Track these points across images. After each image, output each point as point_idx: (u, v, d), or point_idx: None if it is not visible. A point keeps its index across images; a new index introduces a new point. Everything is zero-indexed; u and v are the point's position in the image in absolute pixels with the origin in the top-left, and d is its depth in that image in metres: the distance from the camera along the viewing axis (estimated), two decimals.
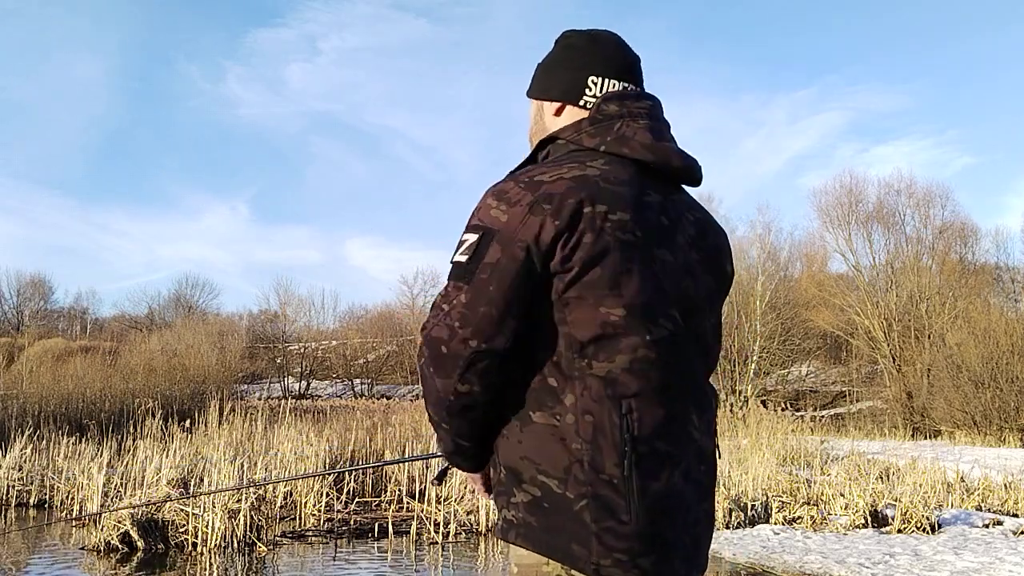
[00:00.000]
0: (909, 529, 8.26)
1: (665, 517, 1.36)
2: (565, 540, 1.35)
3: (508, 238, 1.36)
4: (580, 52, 1.59)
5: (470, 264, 1.38)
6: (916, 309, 28.46)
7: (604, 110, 1.52)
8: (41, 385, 17.43)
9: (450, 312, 1.37)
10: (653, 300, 1.40)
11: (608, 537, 1.33)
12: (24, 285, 49.33)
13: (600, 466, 1.33)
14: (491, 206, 1.40)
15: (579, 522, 1.33)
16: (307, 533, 8.17)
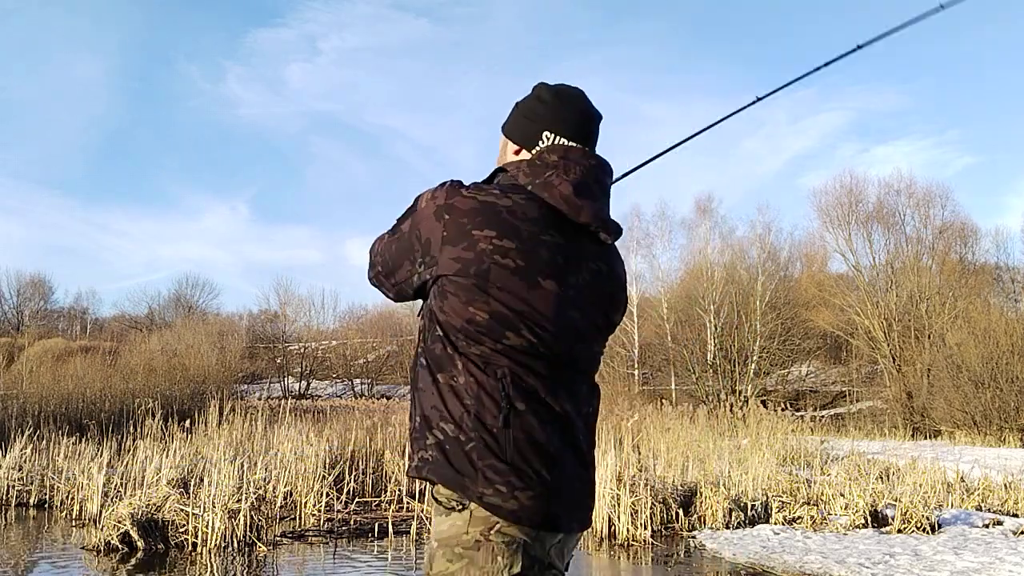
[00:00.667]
0: (909, 529, 8.26)
1: (540, 462, 1.67)
2: (459, 475, 1.66)
3: (415, 222, 1.80)
4: (544, 107, 1.89)
5: (398, 222, 1.87)
6: (916, 309, 28.46)
7: (544, 158, 1.82)
8: (41, 385, 17.42)
9: (375, 247, 1.95)
10: (519, 315, 1.69)
11: (489, 472, 1.64)
12: (24, 285, 49.37)
13: (483, 417, 1.66)
14: (432, 191, 1.80)
15: (469, 461, 1.65)
16: (307, 533, 8.17)
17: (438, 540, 1.68)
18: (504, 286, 1.68)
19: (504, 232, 1.70)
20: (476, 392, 1.68)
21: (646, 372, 33.72)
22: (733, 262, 32.48)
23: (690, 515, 8.82)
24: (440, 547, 1.67)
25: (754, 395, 27.29)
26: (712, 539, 8.13)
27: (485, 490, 1.64)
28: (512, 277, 1.69)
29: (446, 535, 1.66)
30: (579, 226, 1.78)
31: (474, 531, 1.64)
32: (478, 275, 1.69)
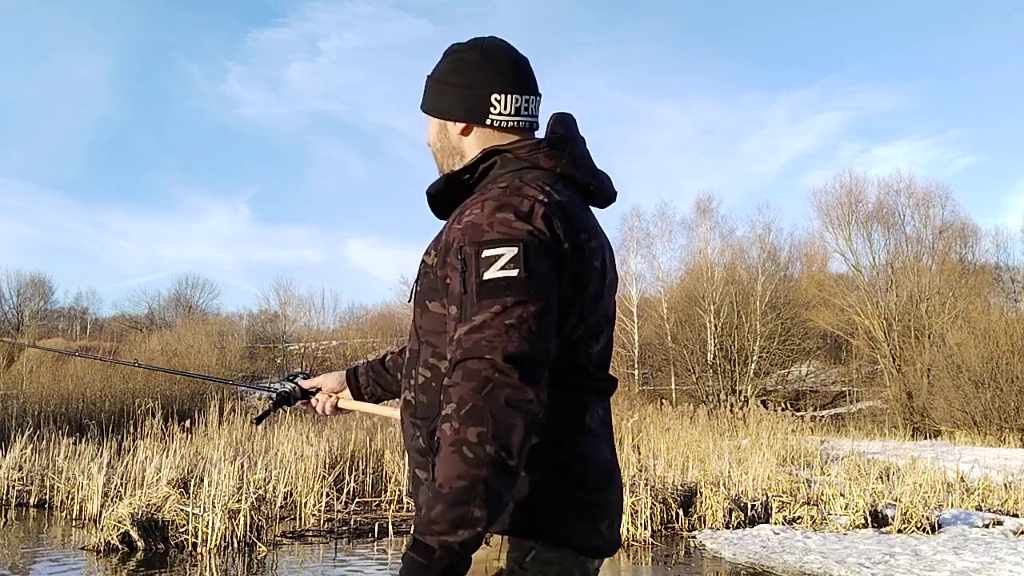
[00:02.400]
0: (909, 529, 8.26)
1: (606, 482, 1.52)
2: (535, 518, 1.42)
3: (546, 250, 1.38)
4: (477, 70, 1.57)
5: (529, 277, 1.34)
6: (916, 309, 28.46)
7: (556, 132, 1.57)
8: (41, 385, 17.42)
9: (521, 328, 1.32)
10: (602, 318, 1.52)
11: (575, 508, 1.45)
12: (24, 285, 49.34)
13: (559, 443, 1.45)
14: (511, 221, 1.38)
15: (562, 504, 1.43)
16: (307, 533, 8.17)
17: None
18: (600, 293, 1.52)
19: (588, 232, 1.51)
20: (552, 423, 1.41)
21: (646, 372, 33.72)
22: (733, 262, 32.48)
23: (690, 515, 8.82)
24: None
25: (754, 395, 27.30)
26: (712, 539, 8.13)
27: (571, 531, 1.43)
28: (602, 280, 1.53)
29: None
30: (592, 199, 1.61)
31: (507, 558, 1.41)
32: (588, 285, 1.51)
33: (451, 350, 1.33)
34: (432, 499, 1.25)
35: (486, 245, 1.36)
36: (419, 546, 1.24)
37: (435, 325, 1.48)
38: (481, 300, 1.33)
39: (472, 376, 1.27)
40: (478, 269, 1.35)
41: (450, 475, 1.24)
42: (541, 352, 1.32)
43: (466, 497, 1.24)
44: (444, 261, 1.44)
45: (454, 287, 1.39)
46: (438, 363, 1.47)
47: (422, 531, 1.25)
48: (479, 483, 1.24)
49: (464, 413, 1.25)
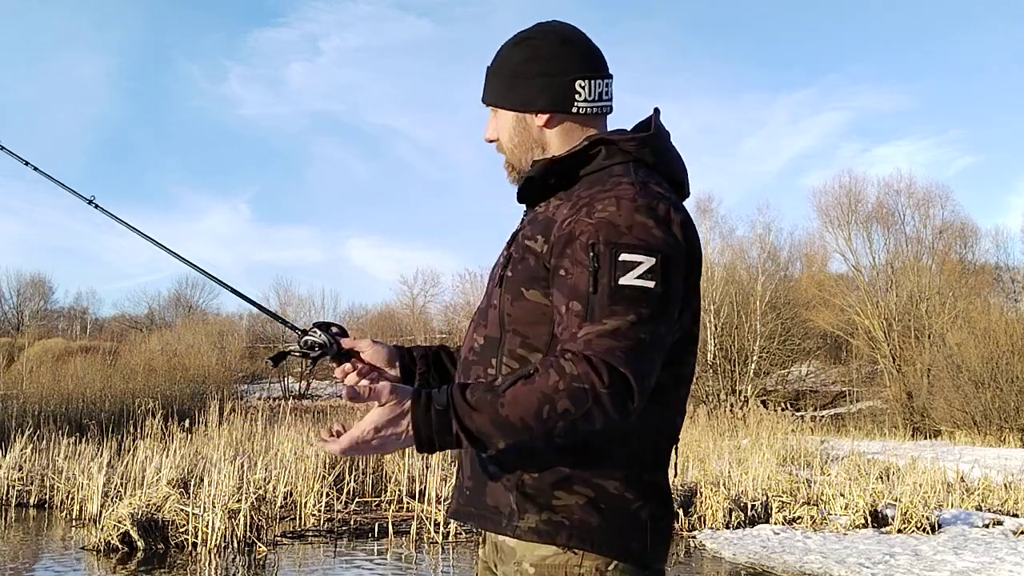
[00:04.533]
0: (909, 529, 8.26)
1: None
2: (639, 542, 1.39)
3: (679, 264, 1.36)
4: (559, 58, 1.52)
5: (666, 293, 1.32)
6: (916, 309, 28.46)
7: (658, 124, 1.52)
8: (41, 385, 17.43)
9: (654, 344, 1.31)
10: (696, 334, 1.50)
11: (659, 529, 1.42)
12: (24, 285, 49.33)
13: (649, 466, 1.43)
14: (650, 226, 1.34)
15: (641, 521, 1.39)
16: (307, 533, 8.17)
17: (536, 567, 1.38)
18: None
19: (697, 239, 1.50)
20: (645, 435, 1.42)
21: None
22: (733, 262, 32.48)
23: (690, 515, 8.82)
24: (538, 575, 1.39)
25: (754, 395, 27.31)
26: (712, 539, 8.13)
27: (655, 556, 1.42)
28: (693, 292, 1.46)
29: (550, 563, 1.37)
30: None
31: (590, 565, 1.36)
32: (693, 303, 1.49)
33: (573, 345, 1.29)
34: (488, 404, 1.25)
35: (624, 249, 1.32)
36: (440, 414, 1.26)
37: (529, 314, 1.42)
38: (614, 305, 1.30)
39: (598, 371, 1.25)
40: (613, 271, 1.31)
41: (519, 409, 1.25)
42: (654, 375, 1.31)
43: (509, 431, 1.26)
44: (563, 252, 1.37)
45: (577, 282, 1.34)
46: (528, 355, 1.41)
47: (456, 407, 1.26)
48: (528, 435, 1.26)
49: (573, 386, 1.24)
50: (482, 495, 1.45)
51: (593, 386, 1.24)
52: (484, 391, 1.26)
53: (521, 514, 1.38)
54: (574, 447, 1.36)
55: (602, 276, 1.32)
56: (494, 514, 1.42)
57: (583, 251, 1.34)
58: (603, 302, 1.30)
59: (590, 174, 1.47)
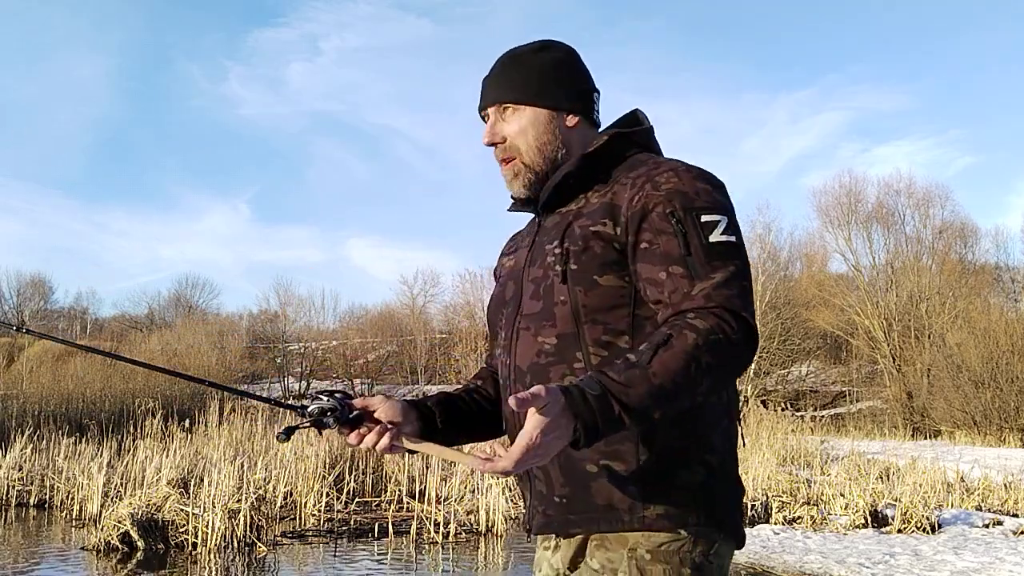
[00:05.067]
0: (909, 529, 8.26)
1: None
2: (734, 516, 1.44)
3: (738, 224, 1.46)
4: (580, 70, 1.64)
5: (743, 245, 1.44)
6: (916, 309, 28.46)
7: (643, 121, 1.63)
8: (41, 385, 17.44)
9: (751, 289, 1.41)
10: None
11: (741, 501, 1.47)
12: (24, 285, 49.35)
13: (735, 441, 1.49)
14: (710, 190, 1.45)
15: (736, 497, 1.46)
16: (307, 533, 8.17)
17: (652, 552, 1.38)
18: None
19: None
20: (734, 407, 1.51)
21: None
22: None
23: None
24: (655, 561, 1.37)
25: (754, 395, 27.30)
26: None
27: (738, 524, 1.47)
28: None
29: (666, 548, 1.38)
30: None
31: (699, 550, 1.40)
32: None
33: (691, 303, 1.34)
34: (639, 378, 1.24)
35: (702, 211, 1.41)
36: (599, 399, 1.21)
37: (607, 300, 1.44)
38: (712, 261, 1.38)
39: (725, 320, 1.32)
40: (701, 231, 1.40)
41: (670, 374, 1.25)
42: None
43: (664, 399, 1.25)
44: (639, 227, 1.43)
45: (668, 249, 1.39)
46: (614, 339, 1.43)
47: (610, 389, 1.22)
48: (680, 397, 1.28)
49: (710, 339, 1.29)
50: (587, 498, 1.42)
51: (726, 334, 1.30)
52: (627, 367, 1.25)
53: (646, 504, 1.38)
54: (693, 422, 1.40)
55: (692, 238, 1.39)
56: (608, 512, 1.40)
57: (663, 220, 1.41)
58: (702, 260, 1.38)
59: (616, 165, 1.55)
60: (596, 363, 1.41)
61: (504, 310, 1.60)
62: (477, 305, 41.23)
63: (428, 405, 1.60)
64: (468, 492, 9.07)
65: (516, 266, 1.62)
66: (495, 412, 1.67)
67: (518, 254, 1.65)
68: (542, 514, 1.49)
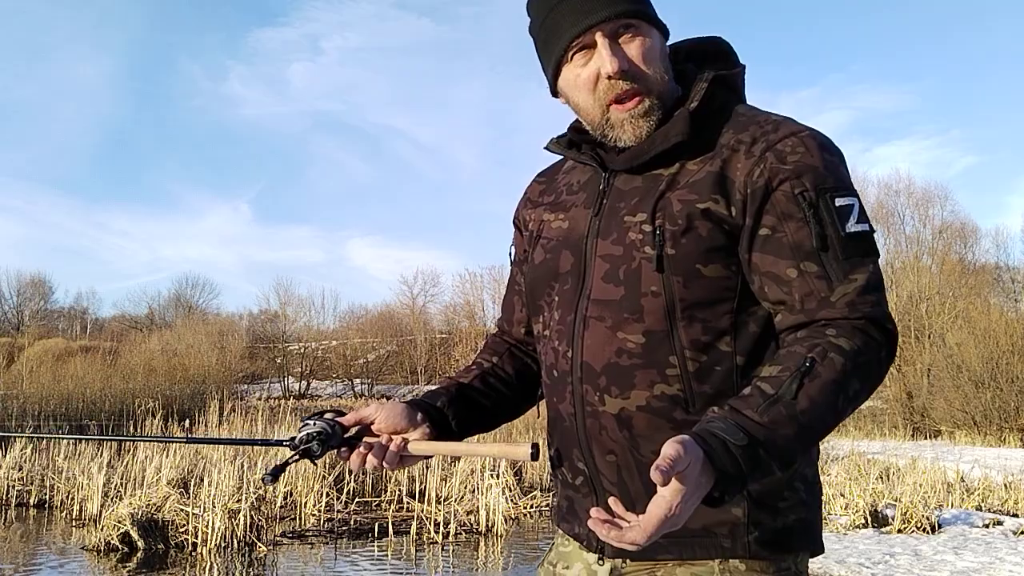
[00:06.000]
0: (909, 529, 8.26)
1: None
2: (816, 527, 1.28)
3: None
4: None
5: (873, 234, 1.22)
6: (916, 309, 28.48)
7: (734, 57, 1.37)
8: (41, 385, 17.46)
9: (885, 293, 1.21)
10: None
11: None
12: (24, 285, 49.38)
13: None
14: (837, 163, 1.24)
15: (820, 504, 1.30)
16: (307, 533, 8.17)
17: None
18: None
19: None
20: None
21: None
22: None
23: None
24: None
25: None
26: None
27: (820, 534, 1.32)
28: None
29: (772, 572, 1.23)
30: None
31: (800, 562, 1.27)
32: None
33: (832, 311, 1.15)
34: (786, 419, 1.07)
35: (836, 193, 1.19)
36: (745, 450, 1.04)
37: (709, 294, 1.21)
38: (850, 258, 1.17)
39: (873, 336, 1.15)
40: (837, 221, 1.18)
41: (819, 411, 1.09)
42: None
43: (811, 437, 1.10)
44: (760, 208, 1.19)
45: (798, 239, 1.18)
46: (715, 341, 1.21)
47: (755, 436, 1.05)
48: (827, 432, 1.13)
49: (859, 361, 1.12)
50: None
51: (877, 353, 1.15)
52: (768, 403, 1.07)
53: (752, 527, 1.19)
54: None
55: (828, 229, 1.18)
56: (705, 536, 1.20)
57: (791, 202, 1.18)
58: (839, 257, 1.17)
59: (719, 120, 1.28)
60: (693, 370, 1.20)
61: (556, 284, 1.32)
62: (477, 305, 41.22)
63: (437, 406, 1.38)
64: (468, 492, 9.06)
65: (575, 231, 1.31)
66: (515, 397, 1.46)
67: (573, 214, 1.33)
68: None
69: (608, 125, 1.28)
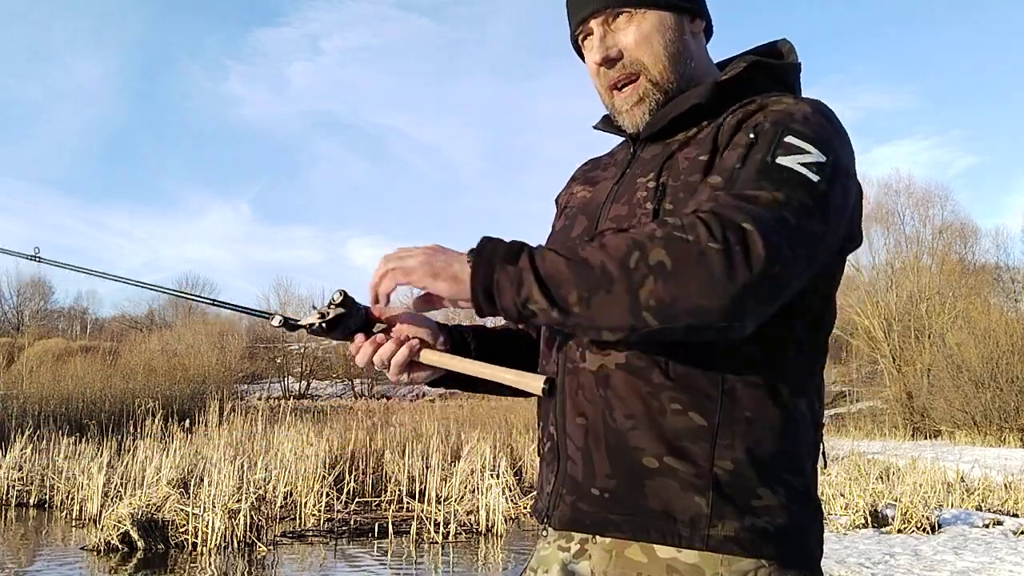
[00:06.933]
0: (909, 529, 8.26)
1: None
2: (807, 541, 1.15)
3: (848, 186, 1.12)
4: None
5: (827, 195, 1.06)
6: (916, 309, 28.47)
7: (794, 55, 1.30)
8: (41, 385, 17.45)
9: (797, 234, 1.01)
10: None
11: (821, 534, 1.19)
12: (24, 285, 49.34)
13: (815, 455, 1.21)
14: (827, 127, 1.12)
15: (817, 521, 1.18)
16: (307, 533, 8.17)
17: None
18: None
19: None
20: (817, 414, 1.19)
21: None
22: None
23: None
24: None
25: None
26: None
27: (820, 554, 1.19)
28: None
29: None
30: None
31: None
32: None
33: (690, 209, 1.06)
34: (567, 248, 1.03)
35: (794, 132, 1.10)
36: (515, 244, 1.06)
37: None
38: (761, 180, 1.05)
39: (709, 224, 0.99)
40: (772, 148, 1.08)
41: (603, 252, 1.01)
42: (788, 270, 1.00)
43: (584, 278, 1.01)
44: (727, 145, 1.15)
45: (725, 163, 1.11)
46: None
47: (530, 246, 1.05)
48: (608, 288, 0.99)
49: (673, 235, 0.99)
50: (639, 497, 1.12)
51: (698, 239, 0.98)
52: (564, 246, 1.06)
53: (715, 520, 1.09)
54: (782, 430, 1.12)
55: (756, 152, 1.09)
56: (664, 521, 1.11)
57: (744, 133, 1.13)
58: (749, 175, 1.06)
59: (741, 92, 1.22)
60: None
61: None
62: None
63: (462, 332, 1.36)
64: (468, 492, 9.06)
65: (594, 199, 1.30)
66: (534, 357, 1.37)
67: (600, 186, 1.32)
68: (570, 505, 1.18)
69: (615, 111, 1.30)
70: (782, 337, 1.13)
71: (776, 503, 1.11)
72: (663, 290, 0.98)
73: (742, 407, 1.11)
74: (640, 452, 1.12)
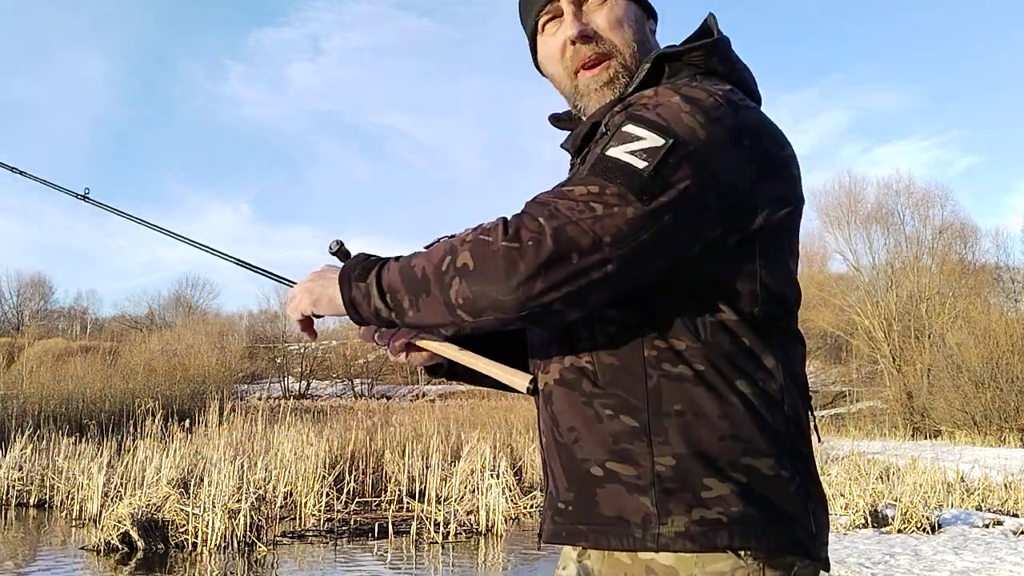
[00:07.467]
0: (909, 529, 8.26)
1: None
2: (789, 527, 1.11)
3: (703, 164, 1.08)
4: None
5: (653, 179, 1.05)
6: (916, 309, 28.48)
7: (719, 30, 1.30)
8: (41, 385, 17.45)
9: (603, 221, 1.03)
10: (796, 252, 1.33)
11: (819, 511, 1.15)
12: (24, 285, 49.37)
13: (804, 432, 1.17)
14: (683, 110, 1.10)
15: (805, 508, 1.13)
16: (307, 533, 8.17)
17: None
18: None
19: (791, 151, 1.31)
20: (795, 398, 1.16)
21: None
22: None
23: None
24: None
25: None
26: None
27: (822, 536, 1.15)
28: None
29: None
30: None
31: (772, 572, 1.10)
32: (794, 217, 1.26)
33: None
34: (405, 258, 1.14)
35: (635, 120, 1.10)
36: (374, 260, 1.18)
37: None
38: (589, 176, 1.08)
39: (507, 223, 1.05)
40: (608, 142, 1.10)
41: (424, 259, 1.11)
42: (595, 256, 1.02)
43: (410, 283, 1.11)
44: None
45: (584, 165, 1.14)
46: (624, 315, 1.14)
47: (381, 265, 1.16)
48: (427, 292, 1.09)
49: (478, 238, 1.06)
50: (593, 505, 1.14)
51: (496, 239, 1.04)
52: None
53: (663, 517, 1.08)
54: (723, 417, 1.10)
55: (596, 147, 1.13)
56: (618, 525, 1.11)
57: (602, 134, 1.17)
58: (582, 172, 1.09)
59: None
60: (603, 341, 1.16)
61: None
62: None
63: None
64: (468, 492, 9.06)
65: None
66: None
67: None
68: (550, 520, 1.23)
69: (577, 94, 1.29)
70: (705, 323, 1.13)
71: (730, 491, 1.08)
72: (467, 289, 1.06)
73: (671, 401, 1.11)
74: (586, 463, 1.15)
